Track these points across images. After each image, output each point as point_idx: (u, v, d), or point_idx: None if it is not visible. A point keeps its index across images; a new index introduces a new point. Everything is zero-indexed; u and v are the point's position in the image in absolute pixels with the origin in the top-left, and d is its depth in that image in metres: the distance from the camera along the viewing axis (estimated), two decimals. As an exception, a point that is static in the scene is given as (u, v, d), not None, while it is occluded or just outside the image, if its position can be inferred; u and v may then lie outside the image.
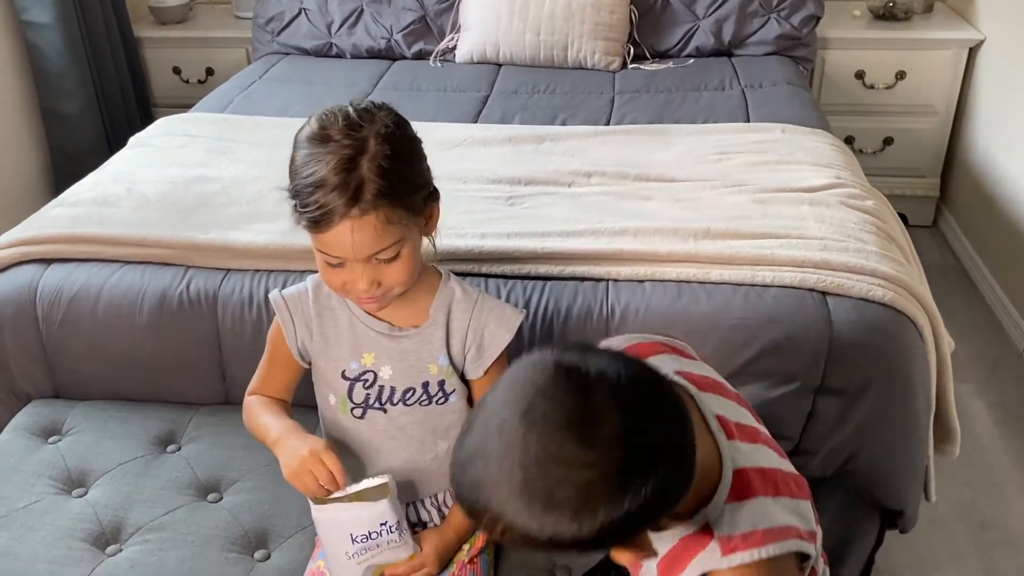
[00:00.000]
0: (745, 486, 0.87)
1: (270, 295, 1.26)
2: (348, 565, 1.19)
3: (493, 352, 1.23)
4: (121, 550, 1.37)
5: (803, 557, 0.89)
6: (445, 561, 1.26)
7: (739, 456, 0.90)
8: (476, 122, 2.35)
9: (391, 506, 1.17)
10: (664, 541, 0.87)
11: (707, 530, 0.84)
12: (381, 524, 1.17)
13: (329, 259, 1.11)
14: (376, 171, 1.06)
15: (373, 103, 1.13)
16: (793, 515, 0.90)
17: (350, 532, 1.17)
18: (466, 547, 1.28)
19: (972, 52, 2.87)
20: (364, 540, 1.17)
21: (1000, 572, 1.82)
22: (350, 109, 1.10)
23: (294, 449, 1.15)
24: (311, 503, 1.18)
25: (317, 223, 1.07)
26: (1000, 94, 2.71)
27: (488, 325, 1.22)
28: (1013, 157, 2.59)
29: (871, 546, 1.61)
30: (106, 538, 1.40)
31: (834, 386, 1.50)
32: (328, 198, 1.05)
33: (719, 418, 0.92)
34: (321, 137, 1.08)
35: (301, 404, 1.45)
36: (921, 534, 1.86)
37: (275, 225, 1.73)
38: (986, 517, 1.95)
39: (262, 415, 1.25)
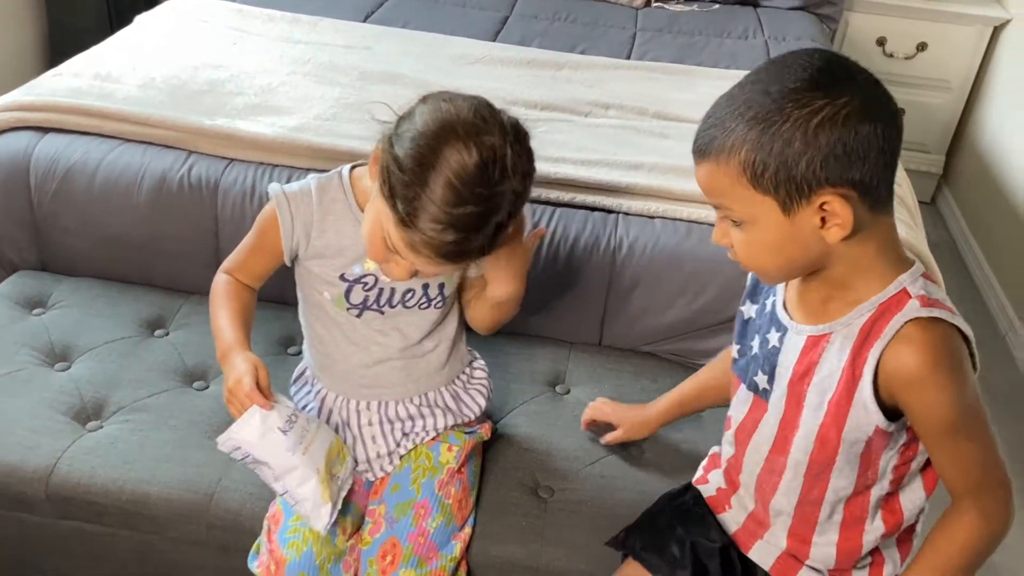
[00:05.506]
0: (934, 279, 0.97)
1: (270, 187, 1.21)
2: (291, 458, 1.11)
3: None
4: (102, 427, 1.36)
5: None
6: None
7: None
8: (494, 41, 2.29)
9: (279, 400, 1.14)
10: (861, 313, 0.94)
11: (904, 294, 0.92)
12: (291, 412, 1.13)
13: (393, 250, 1.07)
14: (494, 231, 1.04)
15: (514, 125, 1.07)
16: None
17: (276, 426, 1.10)
18: (455, 450, 1.28)
19: (996, 31, 2.84)
20: (291, 423, 1.12)
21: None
22: (503, 151, 1.02)
23: (233, 367, 1.12)
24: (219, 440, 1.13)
25: (415, 250, 1.04)
26: (1019, 76, 2.69)
27: None
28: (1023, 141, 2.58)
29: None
30: (87, 413, 1.38)
31: (831, 341, 1.50)
32: (440, 247, 1.02)
33: None
34: (460, 182, 1.00)
35: (276, 300, 1.46)
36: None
37: (282, 119, 1.68)
38: (953, 489, 1.99)
39: (220, 315, 1.20)
